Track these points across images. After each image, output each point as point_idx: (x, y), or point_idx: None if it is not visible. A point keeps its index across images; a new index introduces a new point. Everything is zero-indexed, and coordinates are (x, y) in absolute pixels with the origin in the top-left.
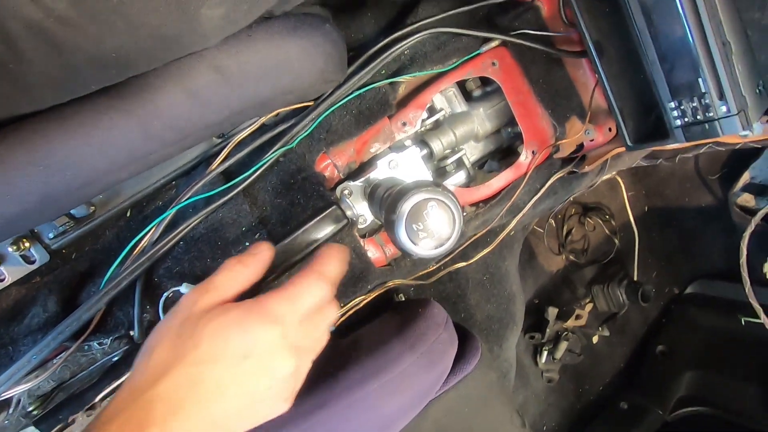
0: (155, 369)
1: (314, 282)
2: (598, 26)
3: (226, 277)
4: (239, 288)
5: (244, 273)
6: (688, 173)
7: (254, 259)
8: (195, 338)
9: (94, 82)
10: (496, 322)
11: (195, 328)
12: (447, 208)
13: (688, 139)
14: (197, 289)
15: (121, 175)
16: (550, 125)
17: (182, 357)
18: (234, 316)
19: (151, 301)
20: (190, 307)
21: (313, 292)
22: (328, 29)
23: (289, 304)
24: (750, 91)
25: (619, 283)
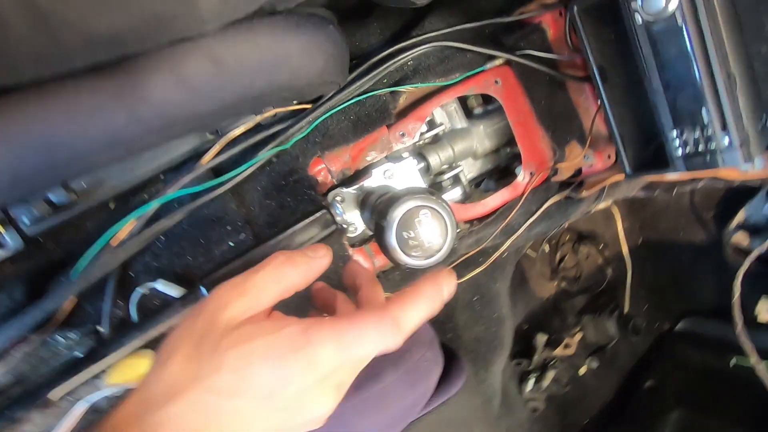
0: (169, 384)
1: (388, 335)
2: (602, 52)
3: (269, 278)
4: (280, 295)
5: (290, 277)
6: (684, 209)
7: (308, 263)
8: (216, 360)
9: (80, 58)
10: (484, 345)
11: (218, 347)
12: (440, 217)
13: (688, 168)
14: (229, 288)
15: (101, 159)
16: (550, 148)
17: (199, 379)
18: (267, 345)
19: (123, 296)
20: (216, 313)
21: (376, 344)
22: (331, 30)
23: (340, 351)
24: (753, 125)
25: (609, 315)
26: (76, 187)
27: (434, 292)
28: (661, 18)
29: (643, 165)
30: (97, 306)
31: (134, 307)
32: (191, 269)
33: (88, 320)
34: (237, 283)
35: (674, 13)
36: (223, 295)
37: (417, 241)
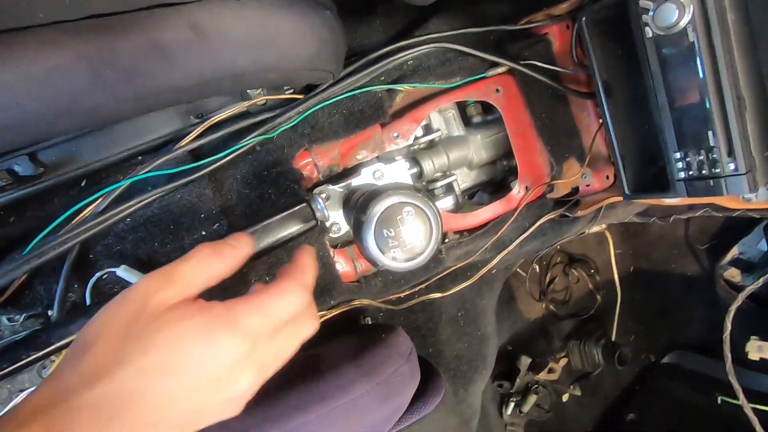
0: (90, 369)
1: (295, 292)
2: (608, 67)
3: (195, 268)
4: (207, 283)
5: (216, 266)
6: (678, 239)
7: (232, 252)
8: (145, 341)
9: (43, 9)
10: (465, 363)
11: (147, 329)
12: (425, 217)
13: (690, 194)
14: (157, 276)
15: (58, 124)
16: (547, 163)
17: (126, 361)
18: (197, 323)
19: (80, 279)
20: (145, 299)
21: (292, 303)
22: (327, 15)
23: (263, 317)
24: (760, 152)
25: (596, 342)
26: (44, 159)
27: (309, 256)
28: (672, 33)
29: (642, 187)
30: (49, 286)
31: (89, 292)
32: (158, 256)
33: (38, 302)
34: (165, 272)
35: (686, 29)
36: (151, 283)
37: (397, 240)
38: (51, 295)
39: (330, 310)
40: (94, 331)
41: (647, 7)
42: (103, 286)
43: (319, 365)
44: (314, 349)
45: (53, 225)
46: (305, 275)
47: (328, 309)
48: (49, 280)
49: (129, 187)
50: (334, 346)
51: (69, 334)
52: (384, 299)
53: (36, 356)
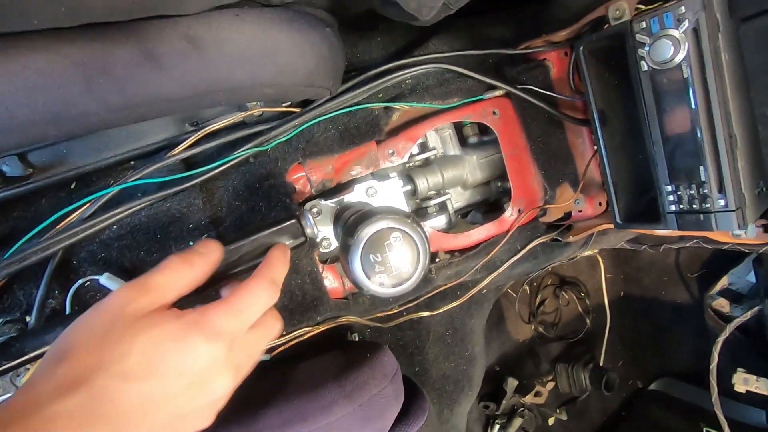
0: (66, 377)
1: (265, 289)
2: (604, 96)
3: (169, 277)
4: (181, 291)
5: (188, 275)
6: (668, 266)
7: (202, 260)
8: (123, 347)
9: (38, 16)
10: (452, 383)
11: (125, 335)
12: (413, 243)
13: (680, 227)
14: (132, 286)
15: (47, 131)
16: (541, 187)
17: (104, 367)
18: (173, 329)
19: (61, 285)
20: (121, 308)
21: (262, 301)
22: (328, 33)
23: (236, 319)
24: (750, 190)
25: (584, 366)
26: (33, 160)
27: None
28: (667, 68)
29: (633, 217)
30: (29, 291)
31: (70, 299)
32: (143, 265)
33: (16, 307)
34: (139, 282)
35: (680, 65)
36: (126, 294)
37: (384, 266)
38: (30, 300)
39: (317, 326)
40: (70, 339)
41: (643, 42)
42: (85, 294)
43: (301, 383)
44: (298, 364)
45: (37, 230)
46: (272, 270)
47: (314, 325)
48: (30, 285)
49: (118, 193)
50: (318, 363)
51: (44, 344)
52: (371, 317)
53: (9, 366)
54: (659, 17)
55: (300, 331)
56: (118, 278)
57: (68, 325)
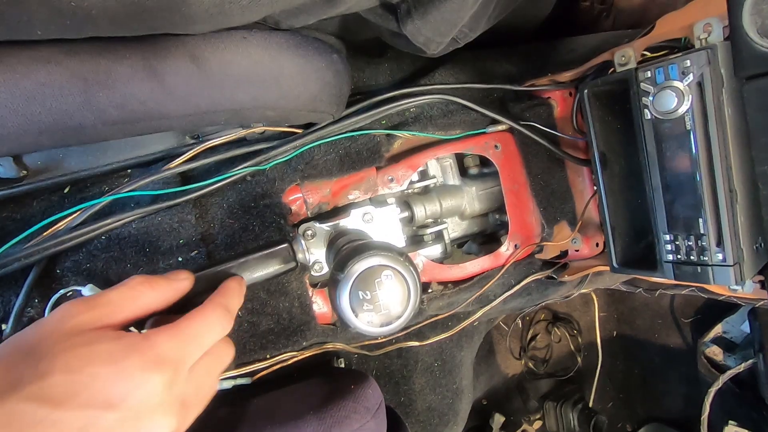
0: None
1: (219, 317)
2: (606, 139)
3: (124, 295)
4: (135, 314)
5: (147, 297)
6: (662, 310)
7: (167, 286)
8: (45, 364)
9: (42, 26)
10: (437, 417)
11: (50, 351)
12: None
13: (677, 277)
14: (80, 301)
15: (41, 140)
16: (539, 223)
17: (18, 385)
18: (107, 350)
19: (42, 294)
20: (61, 321)
21: (215, 329)
22: (334, 59)
23: (184, 346)
24: (748, 246)
25: (573, 406)
26: (28, 162)
27: (237, 283)
28: (670, 118)
29: (630, 262)
30: (8, 299)
31: (49, 309)
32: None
33: None
34: (90, 298)
35: (684, 116)
36: (71, 308)
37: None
38: (9, 308)
39: (302, 351)
40: (2, 350)
41: (648, 91)
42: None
43: (281, 413)
44: (279, 392)
45: (23, 235)
46: (227, 298)
47: (299, 350)
48: (9, 292)
49: (110, 202)
50: (301, 392)
51: None
52: (359, 344)
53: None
54: (664, 68)
55: (284, 355)
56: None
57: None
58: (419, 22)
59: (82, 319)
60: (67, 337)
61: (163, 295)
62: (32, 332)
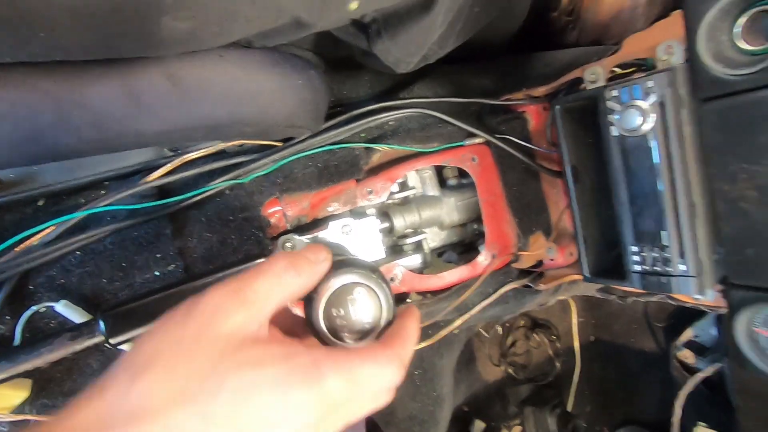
0: (140, 402)
1: (392, 367)
2: (578, 153)
3: (271, 285)
4: (280, 305)
5: (293, 284)
6: (637, 315)
7: (310, 270)
8: (213, 382)
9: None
10: (418, 425)
11: (217, 367)
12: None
13: (644, 287)
14: (227, 293)
15: (12, 158)
16: (515, 234)
17: (188, 401)
18: (278, 374)
19: (14, 311)
20: (213, 321)
21: (385, 379)
22: (312, 75)
23: (349, 384)
24: (708, 257)
25: (551, 410)
26: (1, 175)
27: (416, 326)
28: (635, 135)
29: (601, 271)
30: None
31: (21, 327)
32: (103, 293)
33: None
34: (236, 288)
35: (647, 134)
36: (219, 303)
37: (345, 320)
38: None
39: None
40: (149, 351)
41: (614, 109)
42: (39, 321)
43: None
44: None
45: None
46: (406, 348)
47: None
48: None
49: (85, 217)
50: None
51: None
52: None
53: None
54: (629, 88)
55: None
56: (77, 306)
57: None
58: (389, 43)
59: (238, 320)
60: (229, 349)
61: (307, 281)
62: (185, 331)
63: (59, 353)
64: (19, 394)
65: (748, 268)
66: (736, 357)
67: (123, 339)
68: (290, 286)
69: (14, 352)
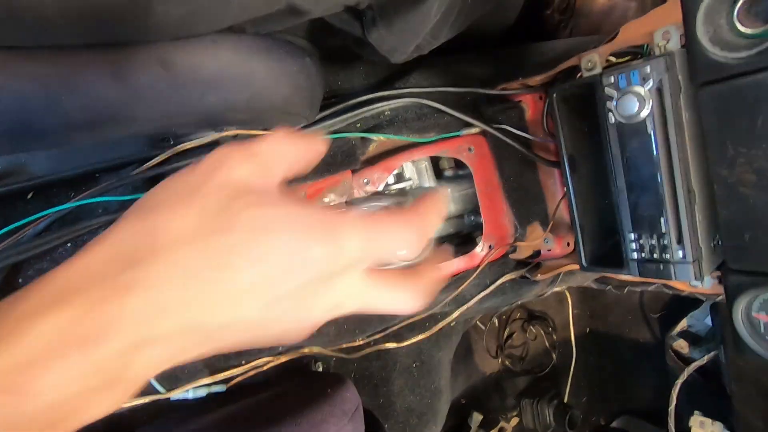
0: (151, 237)
1: (411, 235)
2: (575, 142)
3: (274, 148)
4: (284, 172)
5: (292, 155)
6: (632, 306)
7: (307, 145)
8: (225, 218)
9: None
10: (416, 417)
11: (228, 205)
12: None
13: (641, 274)
14: (233, 148)
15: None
16: (512, 224)
17: (200, 236)
18: (290, 214)
19: None
20: (219, 170)
21: (401, 244)
22: (306, 62)
23: (367, 243)
24: (706, 243)
25: (549, 402)
26: None
27: (441, 205)
28: (633, 122)
29: (598, 260)
30: None
31: None
32: None
33: None
34: (242, 145)
35: (645, 120)
36: (226, 154)
37: None
38: None
39: (278, 356)
40: (158, 195)
41: (611, 95)
42: None
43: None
44: (256, 397)
45: None
46: (429, 220)
47: (275, 355)
48: None
49: (76, 208)
50: (276, 397)
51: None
52: (337, 348)
53: None
54: (626, 74)
55: (260, 360)
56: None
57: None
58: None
59: (245, 170)
60: (238, 192)
61: (305, 155)
62: (194, 175)
63: None
64: None
65: (746, 253)
66: (735, 343)
67: None
68: (291, 154)
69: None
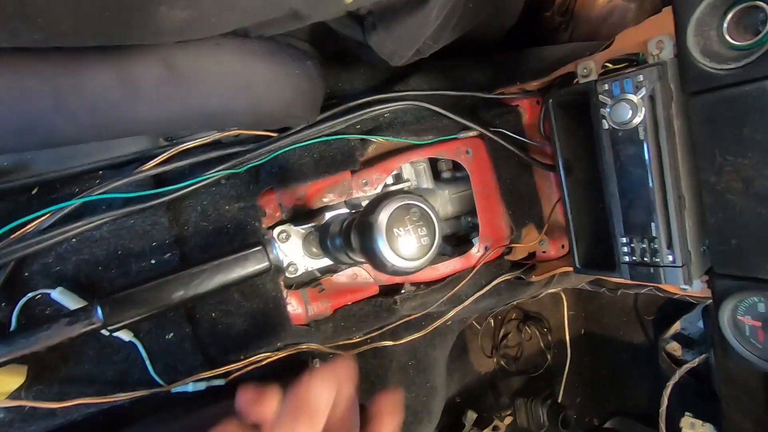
0: None
1: None
2: (570, 146)
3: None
4: None
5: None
6: (627, 308)
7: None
8: None
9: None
10: (411, 415)
11: None
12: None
13: (633, 277)
14: None
15: (9, 143)
16: (508, 226)
17: None
18: None
19: (9, 298)
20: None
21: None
22: (308, 66)
23: None
24: (695, 248)
25: (543, 402)
26: None
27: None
28: (626, 129)
29: (592, 263)
30: None
31: (17, 314)
32: (100, 281)
33: None
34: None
35: (638, 127)
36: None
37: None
38: None
39: (276, 352)
40: None
41: (605, 102)
42: (35, 307)
43: None
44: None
45: None
46: None
47: (273, 351)
48: None
49: (81, 205)
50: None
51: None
52: (334, 344)
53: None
54: (620, 82)
55: (258, 356)
56: (73, 293)
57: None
58: (384, 35)
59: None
60: None
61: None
62: None
63: (56, 338)
64: (15, 380)
65: (732, 258)
66: (722, 346)
67: (120, 325)
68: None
69: (11, 336)
